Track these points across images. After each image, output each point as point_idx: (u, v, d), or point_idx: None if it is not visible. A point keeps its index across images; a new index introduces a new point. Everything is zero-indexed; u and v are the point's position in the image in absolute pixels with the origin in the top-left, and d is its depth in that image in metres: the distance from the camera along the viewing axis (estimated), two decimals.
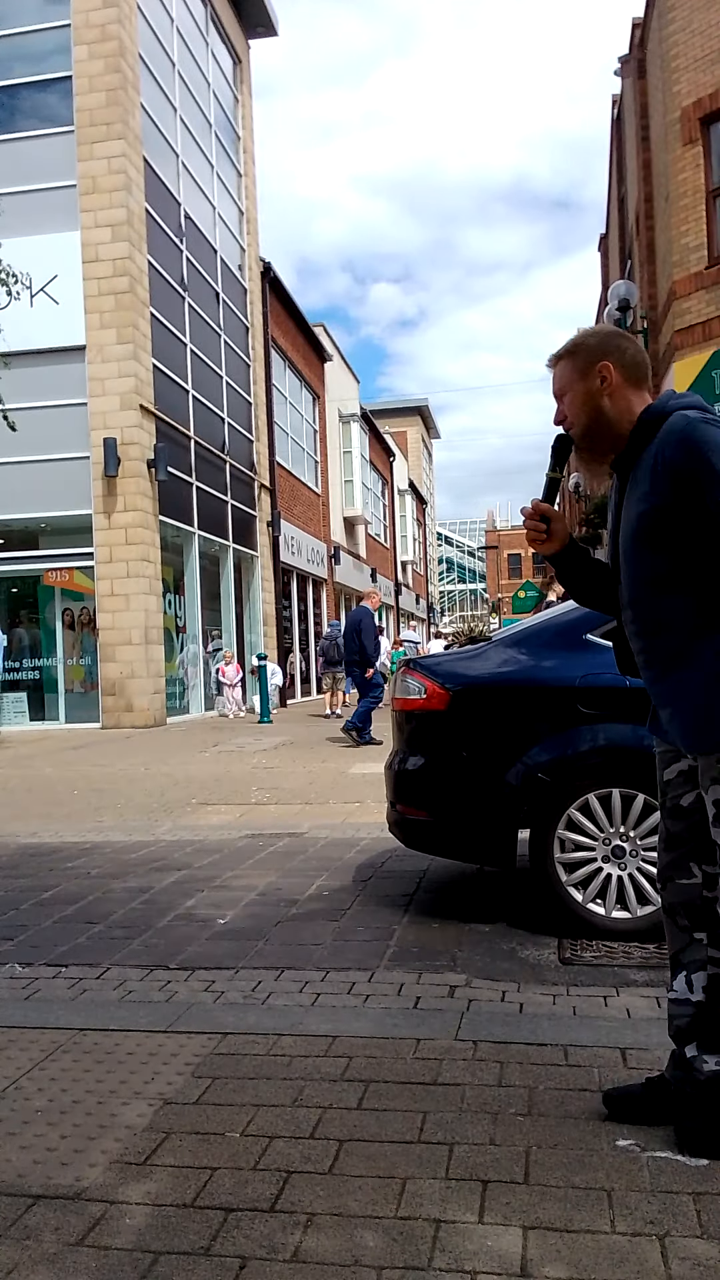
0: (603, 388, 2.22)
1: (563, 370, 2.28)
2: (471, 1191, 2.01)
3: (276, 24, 22.27)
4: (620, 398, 2.22)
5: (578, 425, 2.26)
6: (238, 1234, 1.90)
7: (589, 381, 2.23)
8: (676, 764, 2.26)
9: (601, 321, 22.01)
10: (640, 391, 2.25)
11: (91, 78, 15.02)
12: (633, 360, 2.24)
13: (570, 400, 2.26)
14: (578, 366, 2.25)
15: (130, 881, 4.98)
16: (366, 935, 3.89)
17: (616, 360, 2.22)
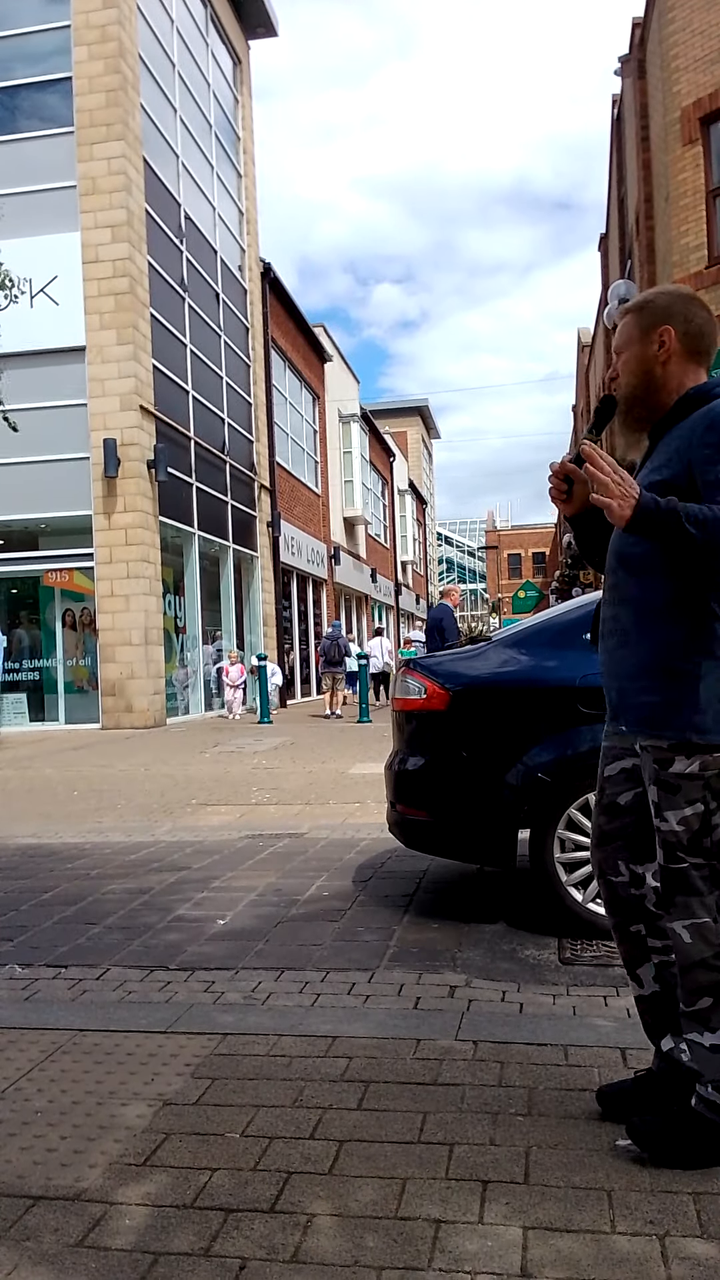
0: (659, 353, 2.15)
1: (626, 325, 2.21)
2: (471, 1192, 2.01)
3: (276, 25, 22.27)
4: (675, 366, 2.15)
5: (625, 385, 2.20)
6: (238, 1235, 1.90)
7: (647, 344, 2.16)
8: (620, 761, 2.26)
9: (601, 322, 22.00)
10: (698, 364, 2.17)
11: (91, 78, 15.02)
12: (698, 330, 2.15)
13: (625, 359, 2.20)
14: (641, 325, 2.17)
15: (130, 882, 4.98)
16: (366, 936, 3.89)
17: (680, 326, 2.14)
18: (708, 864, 2.08)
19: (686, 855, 2.08)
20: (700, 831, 2.07)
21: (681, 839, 2.08)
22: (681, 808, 2.07)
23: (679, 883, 2.09)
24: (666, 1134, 2.09)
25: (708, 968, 2.07)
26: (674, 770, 2.07)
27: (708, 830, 2.07)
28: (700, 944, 2.07)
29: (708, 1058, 2.09)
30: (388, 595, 39.95)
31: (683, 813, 2.07)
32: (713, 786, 2.07)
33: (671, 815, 2.08)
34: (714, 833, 2.07)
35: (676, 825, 2.08)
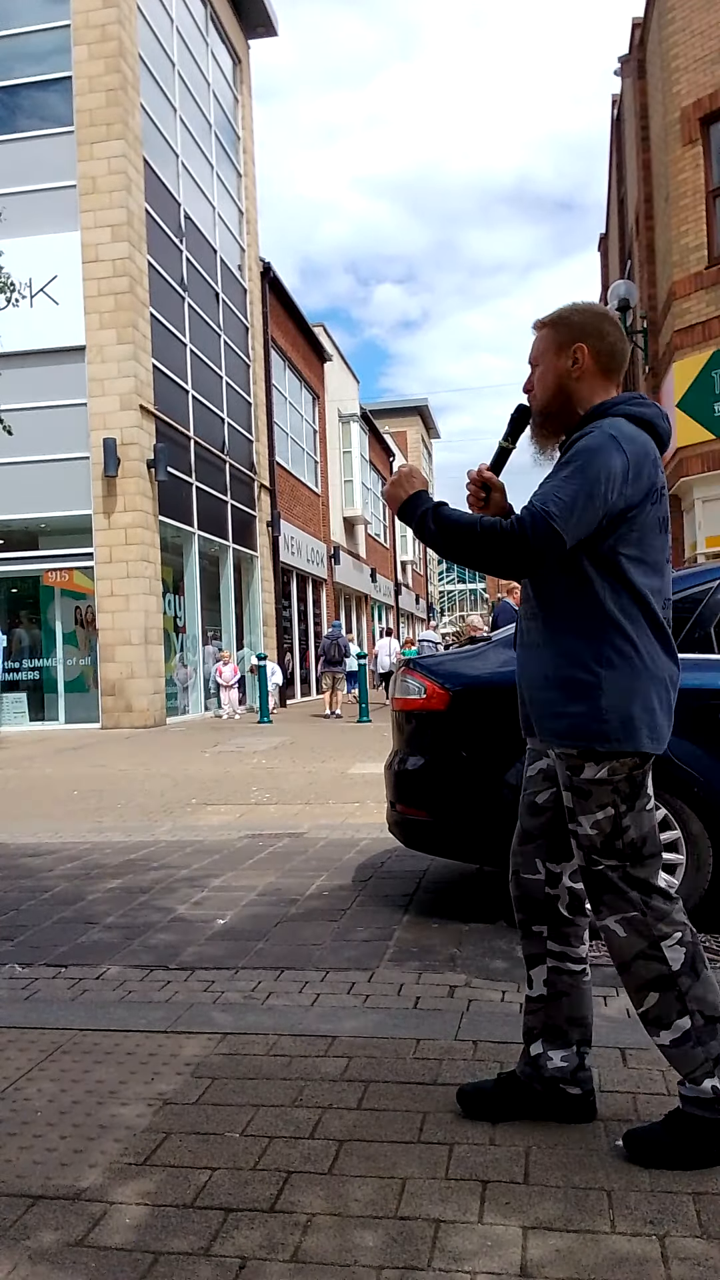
0: (573, 369, 2.20)
1: (542, 340, 2.27)
2: (471, 1192, 2.01)
3: (276, 24, 22.27)
4: (587, 383, 2.21)
5: (540, 398, 2.26)
6: (237, 1234, 1.90)
7: (561, 359, 2.21)
8: (538, 762, 2.33)
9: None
10: (609, 381, 2.24)
11: (91, 78, 15.02)
12: (610, 348, 2.21)
13: (540, 372, 2.26)
14: (556, 340, 2.23)
15: (130, 882, 4.98)
16: (366, 935, 3.89)
17: (593, 344, 2.20)
18: (621, 865, 2.13)
19: (601, 858, 2.14)
20: (612, 834, 2.13)
21: (595, 842, 2.14)
22: (593, 812, 2.13)
23: (601, 883, 2.15)
24: (665, 1141, 2.09)
25: (645, 958, 2.11)
26: (585, 776, 2.13)
27: (619, 833, 2.13)
28: (634, 937, 2.12)
29: (675, 1055, 2.11)
30: (387, 595, 39.95)
31: (595, 817, 2.13)
32: (621, 791, 2.12)
33: (585, 820, 2.14)
34: (625, 835, 2.13)
35: (590, 829, 2.14)
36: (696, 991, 2.09)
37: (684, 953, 2.10)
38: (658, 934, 2.10)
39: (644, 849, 2.14)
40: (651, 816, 2.16)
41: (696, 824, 3.64)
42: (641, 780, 2.15)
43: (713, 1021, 2.08)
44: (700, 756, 3.61)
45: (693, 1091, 2.08)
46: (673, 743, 3.58)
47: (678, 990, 2.09)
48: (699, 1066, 2.07)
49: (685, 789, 3.63)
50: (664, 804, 3.67)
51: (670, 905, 2.13)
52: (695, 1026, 2.08)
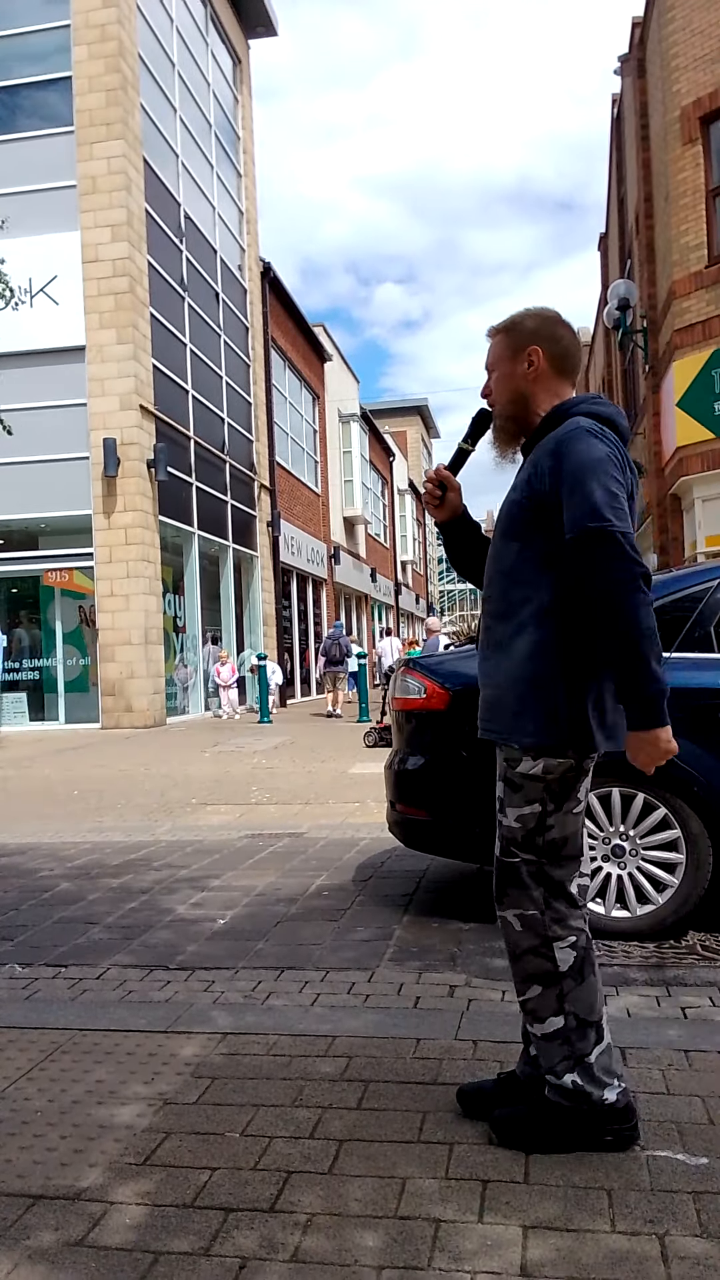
0: (529, 371, 2.24)
1: (496, 345, 2.31)
2: (471, 1191, 2.01)
3: (276, 24, 22.27)
4: (543, 385, 2.25)
5: (499, 403, 2.31)
6: (237, 1234, 1.90)
7: (517, 363, 2.26)
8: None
9: (601, 322, 21.99)
10: (565, 382, 2.28)
11: (91, 78, 15.02)
12: (564, 350, 2.26)
13: (497, 378, 2.30)
14: (510, 345, 2.28)
15: (130, 882, 4.98)
16: (366, 935, 3.89)
17: (548, 347, 2.24)
18: (537, 861, 2.18)
19: (519, 850, 2.19)
20: (535, 830, 2.17)
21: (517, 835, 2.19)
22: (520, 806, 2.18)
23: (510, 875, 2.20)
24: (526, 1123, 2.18)
25: (535, 954, 2.18)
26: (519, 770, 2.17)
27: (542, 830, 2.17)
28: (528, 933, 2.18)
29: (544, 1048, 2.18)
30: (387, 595, 39.94)
31: (521, 810, 2.18)
32: (552, 789, 2.16)
33: (511, 811, 2.19)
34: (547, 833, 2.17)
35: (514, 821, 2.19)
36: (576, 994, 2.16)
37: (574, 956, 2.16)
38: (552, 935, 2.17)
39: (563, 850, 2.19)
40: (577, 820, 2.20)
41: (696, 824, 3.63)
42: (573, 782, 2.18)
43: (585, 1025, 2.16)
44: (700, 756, 3.60)
45: (555, 1082, 2.16)
46: None
47: (559, 990, 2.16)
48: (561, 1061, 2.16)
49: (685, 789, 3.63)
50: (664, 803, 3.67)
51: (571, 910, 2.19)
52: (567, 1026, 2.15)
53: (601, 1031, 2.18)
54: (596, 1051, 2.16)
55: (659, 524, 14.25)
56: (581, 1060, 2.15)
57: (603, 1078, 2.15)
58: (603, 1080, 2.15)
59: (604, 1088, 2.14)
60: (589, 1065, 2.15)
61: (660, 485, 14.19)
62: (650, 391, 15.00)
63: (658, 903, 3.68)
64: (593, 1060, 2.15)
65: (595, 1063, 2.15)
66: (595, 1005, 2.17)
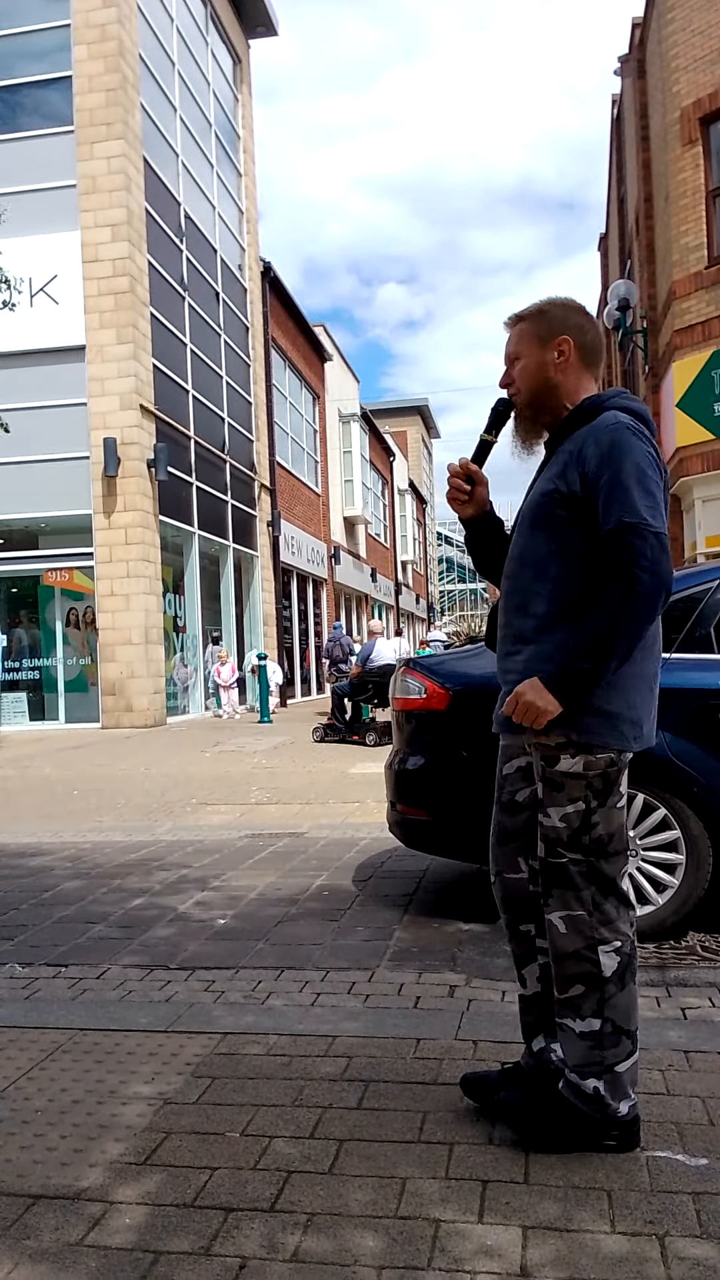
0: (559, 361, 2.20)
1: (522, 333, 2.26)
2: (471, 1191, 2.01)
3: (276, 24, 22.26)
4: (571, 376, 2.22)
5: (525, 393, 2.25)
6: (238, 1234, 1.90)
7: (547, 352, 2.21)
8: (516, 759, 2.31)
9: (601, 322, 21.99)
10: (590, 375, 2.25)
11: (91, 77, 15.02)
12: (592, 342, 2.23)
13: (523, 366, 2.25)
14: (539, 333, 2.22)
15: (130, 881, 4.98)
16: (366, 935, 3.89)
17: (577, 337, 2.21)
18: (585, 860, 2.14)
19: (566, 851, 2.15)
20: (580, 829, 2.14)
21: (562, 835, 2.15)
22: (564, 805, 2.14)
23: (557, 877, 2.16)
24: (533, 1113, 2.17)
25: (579, 958, 2.14)
26: (559, 768, 2.14)
27: (587, 828, 2.14)
28: (574, 935, 2.14)
29: (575, 1044, 2.15)
30: (388, 595, 39.94)
31: (564, 810, 2.14)
32: (594, 786, 2.13)
33: (554, 811, 2.15)
34: (593, 830, 2.14)
35: (558, 821, 2.15)
36: (617, 1001, 2.14)
37: (618, 961, 2.14)
38: (598, 937, 2.14)
39: (609, 845, 2.16)
40: (621, 815, 2.18)
41: (696, 824, 3.64)
42: (615, 778, 2.16)
43: (620, 1033, 2.13)
44: (700, 756, 3.61)
45: (576, 1082, 2.14)
46: (672, 742, 3.61)
47: (601, 994, 2.13)
48: (590, 1065, 2.13)
49: (685, 789, 3.63)
50: (664, 804, 3.67)
51: (620, 912, 2.16)
52: (604, 1032, 2.13)
53: (636, 1042, 2.16)
54: (627, 1063, 2.14)
55: None
56: (610, 1069, 2.12)
57: (627, 1090, 2.13)
58: (625, 1092, 2.13)
59: (623, 1100, 2.12)
60: (617, 1075, 2.12)
61: None
62: (650, 392, 15.00)
63: (658, 903, 3.68)
64: (621, 1071, 2.13)
65: (623, 1074, 2.13)
66: (633, 1014, 2.16)
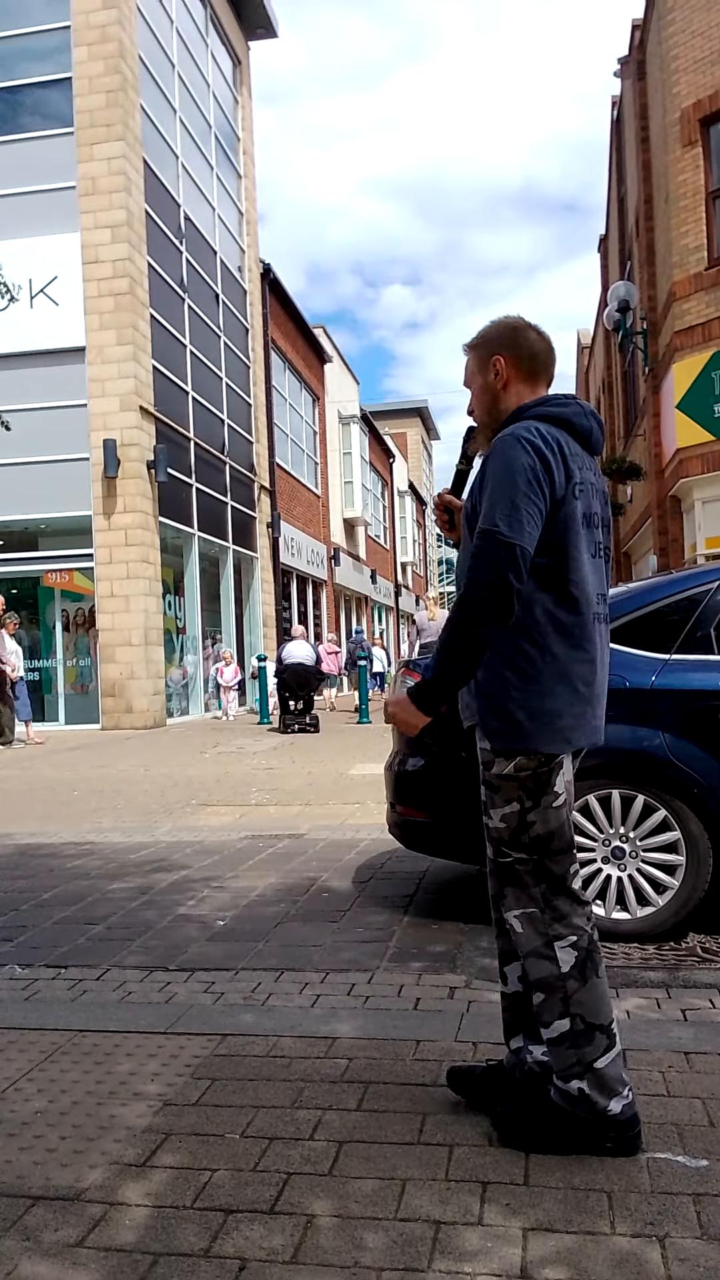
0: (495, 381, 2.29)
1: (469, 361, 2.36)
2: (471, 1193, 2.01)
3: (276, 26, 22.27)
4: (512, 391, 2.30)
5: (477, 414, 2.36)
6: (237, 1235, 1.90)
7: (485, 374, 2.30)
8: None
9: (601, 324, 22.00)
10: (535, 384, 2.31)
11: (91, 79, 15.02)
12: (528, 354, 2.29)
13: (474, 391, 2.35)
14: (479, 358, 2.33)
15: (130, 882, 4.98)
16: (366, 936, 3.89)
17: (510, 354, 2.28)
18: (529, 859, 2.21)
19: (509, 850, 2.22)
20: (518, 829, 2.20)
21: (503, 835, 2.22)
22: (501, 806, 2.21)
23: (506, 876, 2.24)
24: (528, 1123, 2.19)
25: (539, 956, 2.19)
26: (494, 771, 2.21)
27: (525, 828, 2.20)
28: (531, 933, 2.20)
29: (553, 1052, 2.20)
30: (387, 596, 39.93)
31: (502, 810, 2.21)
32: (527, 787, 2.19)
33: (495, 812, 2.23)
34: (530, 830, 2.20)
35: (499, 822, 2.22)
36: (580, 996, 2.16)
37: (575, 956, 2.17)
38: (553, 934, 2.18)
39: (552, 844, 2.20)
40: (560, 814, 2.21)
41: (696, 824, 3.63)
42: (548, 778, 2.19)
43: (592, 1029, 2.15)
44: (700, 757, 3.61)
45: (561, 1087, 2.17)
46: (673, 743, 3.61)
47: (563, 992, 2.16)
48: (570, 1067, 2.15)
49: (685, 790, 3.63)
50: (664, 805, 3.67)
51: (573, 907, 2.20)
52: (573, 1030, 2.15)
53: (613, 1037, 2.17)
54: (608, 1059, 2.14)
55: (659, 525, 14.25)
56: (591, 1067, 2.13)
57: (614, 1086, 2.13)
58: (612, 1089, 2.13)
59: (611, 1097, 2.13)
60: (599, 1073, 2.13)
61: (660, 487, 14.19)
62: (650, 393, 15.00)
63: (658, 904, 3.68)
64: (601, 1068, 2.14)
65: (605, 1071, 2.14)
66: (601, 1008, 2.16)
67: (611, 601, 4.01)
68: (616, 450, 20.78)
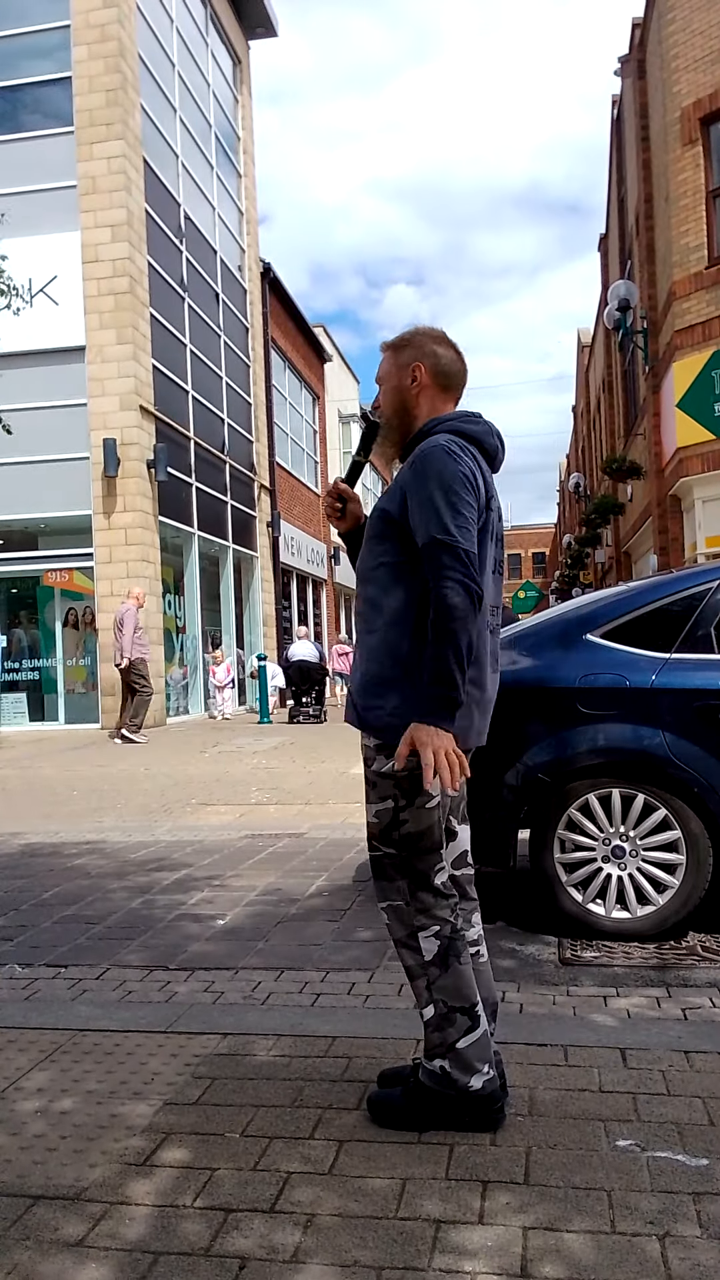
0: (411, 386, 2.37)
1: (386, 360, 2.43)
2: (471, 1192, 2.01)
3: (276, 25, 22.26)
4: (425, 400, 2.37)
5: (385, 413, 2.43)
6: (237, 1234, 1.90)
7: (402, 377, 2.38)
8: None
9: (601, 323, 21.99)
10: (448, 399, 2.40)
11: (91, 78, 15.01)
12: (445, 369, 2.37)
13: (385, 390, 2.43)
14: (398, 361, 2.39)
15: (130, 882, 4.98)
16: (366, 935, 3.89)
17: (430, 364, 2.35)
18: (397, 854, 2.28)
19: (380, 845, 2.31)
20: (390, 825, 2.27)
21: (375, 830, 2.31)
22: (376, 802, 2.30)
23: (377, 868, 2.33)
24: (398, 1106, 2.29)
25: (404, 945, 2.29)
26: (374, 768, 2.29)
27: (396, 825, 2.27)
28: (397, 924, 2.30)
29: (426, 1035, 2.28)
30: None
31: (377, 806, 2.30)
32: (402, 786, 2.24)
33: (370, 807, 2.32)
34: (401, 828, 2.26)
35: (373, 817, 2.31)
36: (443, 983, 2.23)
37: (437, 945, 2.24)
38: (416, 925, 2.26)
39: (420, 843, 2.26)
40: (432, 814, 2.26)
41: (696, 824, 3.64)
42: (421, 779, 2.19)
43: (454, 1011, 2.23)
44: (700, 756, 3.61)
45: (427, 1066, 2.27)
46: (673, 743, 3.61)
47: (426, 979, 2.25)
48: (434, 1048, 2.25)
49: (685, 789, 3.63)
50: (664, 804, 3.67)
51: (436, 900, 2.26)
52: (438, 1013, 2.24)
53: (475, 1019, 2.24)
54: (468, 1040, 2.22)
55: (659, 525, 14.25)
56: (453, 1047, 2.22)
57: (474, 1065, 2.21)
58: (473, 1067, 2.21)
59: (472, 1074, 2.21)
60: (458, 1052, 2.22)
61: (660, 486, 14.19)
62: (650, 392, 15.00)
63: (658, 903, 3.68)
64: (462, 1048, 2.22)
65: (464, 1050, 2.22)
66: (464, 992, 2.23)
67: (612, 601, 4.03)
68: (617, 449, 20.77)
